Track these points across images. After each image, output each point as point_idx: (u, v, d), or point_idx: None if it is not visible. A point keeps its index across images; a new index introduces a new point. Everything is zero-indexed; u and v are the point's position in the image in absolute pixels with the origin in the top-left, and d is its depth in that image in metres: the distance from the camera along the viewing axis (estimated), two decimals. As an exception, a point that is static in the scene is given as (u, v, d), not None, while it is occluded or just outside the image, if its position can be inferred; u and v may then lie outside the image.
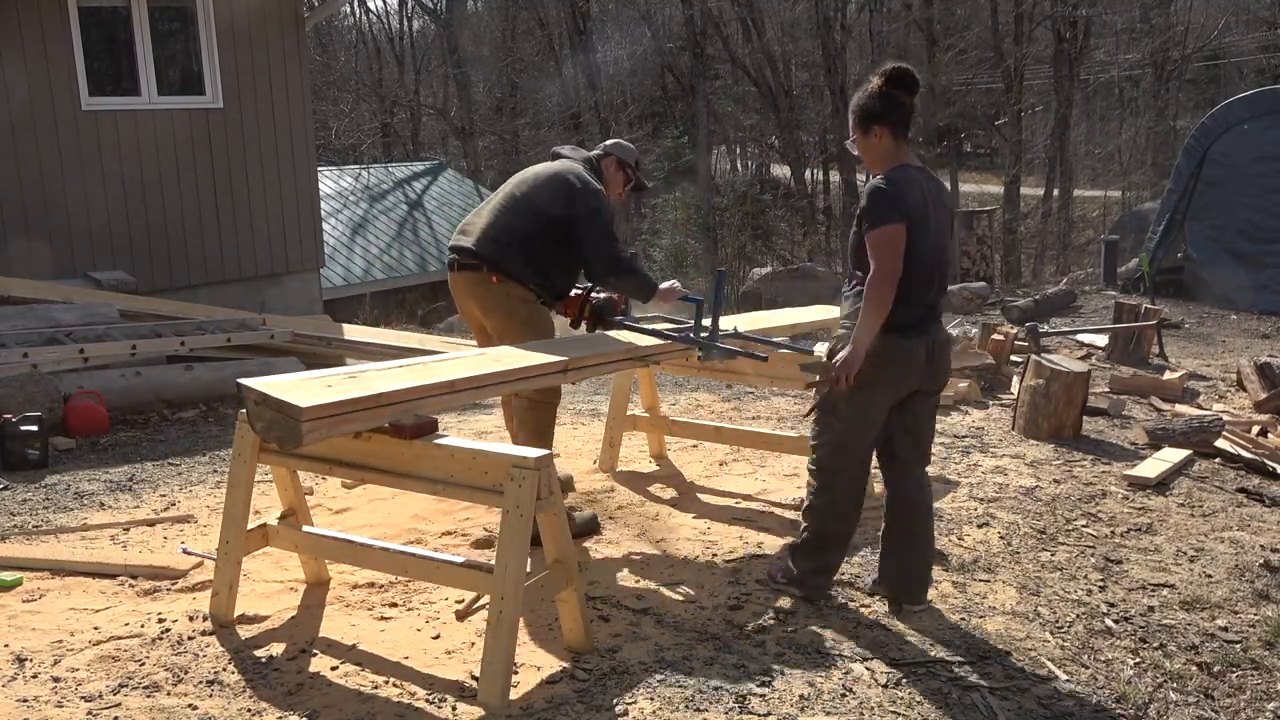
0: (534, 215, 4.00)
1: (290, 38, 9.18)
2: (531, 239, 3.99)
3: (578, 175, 4.08)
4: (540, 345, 3.76)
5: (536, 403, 4.05)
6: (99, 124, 8.04)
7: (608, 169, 4.31)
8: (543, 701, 2.83)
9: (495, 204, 4.12)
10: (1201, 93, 27.04)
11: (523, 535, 2.80)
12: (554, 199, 4.01)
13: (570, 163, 4.19)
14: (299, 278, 9.54)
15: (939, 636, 3.30)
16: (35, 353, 5.96)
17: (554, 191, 4.03)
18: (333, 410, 2.75)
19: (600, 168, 4.28)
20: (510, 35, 27.55)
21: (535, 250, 3.99)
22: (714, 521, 4.36)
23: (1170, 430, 5.58)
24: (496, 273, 3.96)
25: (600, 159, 4.33)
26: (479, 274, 3.99)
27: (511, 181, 4.21)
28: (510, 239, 3.98)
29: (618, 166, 4.34)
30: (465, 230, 4.11)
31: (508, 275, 3.97)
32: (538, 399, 4.04)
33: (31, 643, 3.15)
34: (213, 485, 4.90)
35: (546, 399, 4.08)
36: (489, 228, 4.02)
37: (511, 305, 4.00)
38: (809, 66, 25.28)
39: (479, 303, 4.06)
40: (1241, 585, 3.82)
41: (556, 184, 4.05)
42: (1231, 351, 8.71)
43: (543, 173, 4.14)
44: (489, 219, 4.06)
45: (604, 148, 4.41)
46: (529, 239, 3.99)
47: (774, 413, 6.33)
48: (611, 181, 4.31)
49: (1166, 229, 11.59)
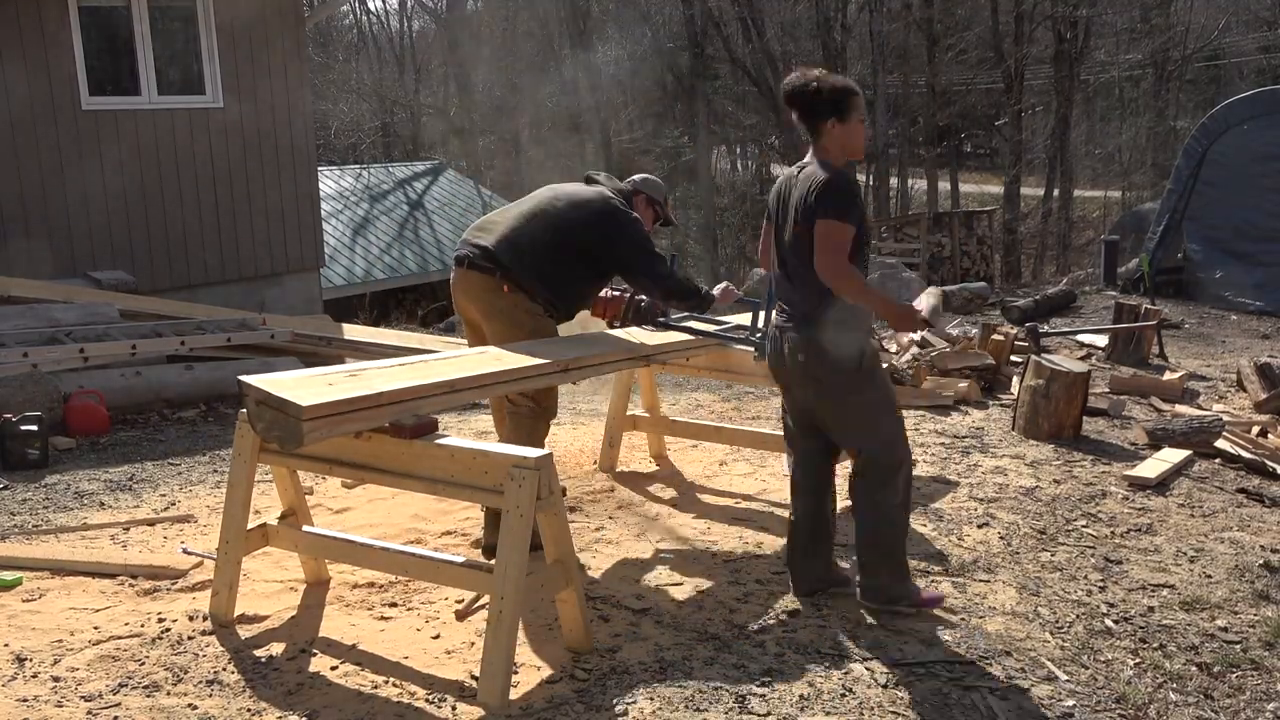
0: (563, 234, 3.92)
1: (290, 38, 9.18)
2: (552, 255, 3.90)
3: (618, 206, 4.04)
4: (541, 344, 3.74)
5: (535, 413, 3.95)
6: (99, 124, 8.04)
7: (638, 205, 4.27)
8: (543, 701, 2.83)
9: (523, 211, 4.01)
10: (1201, 93, 27.06)
11: (523, 535, 2.80)
12: (591, 224, 3.95)
13: (605, 191, 4.13)
14: (299, 277, 9.54)
15: (939, 636, 3.30)
16: (35, 353, 5.96)
17: (592, 215, 3.97)
18: (334, 409, 2.75)
19: (632, 203, 4.24)
20: (510, 35, 27.55)
21: (553, 267, 3.90)
22: (714, 521, 4.36)
23: (1170, 430, 5.58)
24: (508, 282, 3.86)
25: (631, 194, 4.28)
26: (490, 279, 3.87)
27: (544, 193, 4.12)
28: (531, 250, 3.88)
29: (647, 204, 4.33)
30: (484, 229, 4.00)
31: (519, 285, 3.87)
32: (535, 410, 3.95)
33: (31, 642, 3.15)
34: (213, 485, 4.90)
35: (543, 412, 3.98)
36: (511, 233, 3.92)
37: (518, 316, 3.90)
38: (809, 67, 25.28)
39: (484, 307, 3.94)
40: (1241, 585, 3.82)
41: (596, 209, 3.99)
42: (1231, 351, 8.71)
43: (580, 194, 4.06)
44: (513, 224, 3.95)
45: (634, 184, 4.36)
46: (550, 254, 3.89)
47: (774, 413, 6.33)
48: (640, 217, 4.26)
49: (1166, 229, 11.58)
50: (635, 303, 4.35)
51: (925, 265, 15.73)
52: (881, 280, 11.92)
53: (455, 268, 3.99)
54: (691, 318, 4.50)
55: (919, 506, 4.55)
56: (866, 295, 3.27)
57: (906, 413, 6.33)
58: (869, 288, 3.29)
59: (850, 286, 3.20)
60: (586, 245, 3.93)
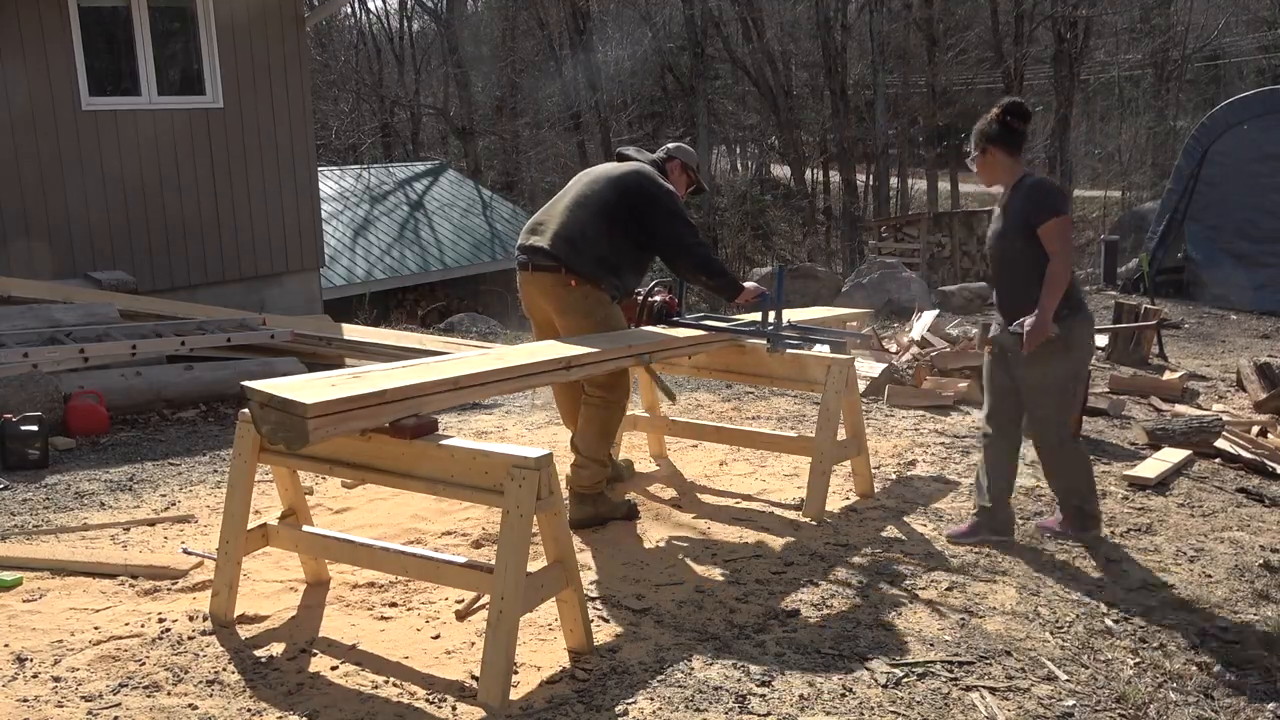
0: (606, 215, 4.05)
1: (290, 38, 9.18)
2: (603, 239, 4.04)
3: (650, 177, 4.14)
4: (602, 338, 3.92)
5: (606, 403, 4.13)
6: (99, 124, 8.04)
7: (672, 172, 4.41)
8: (543, 701, 2.83)
9: (567, 204, 4.14)
10: (1201, 93, 27.06)
11: (523, 535, 2.80)
12: (627, 199, 4.07)
13: (639, 164, 4.24)
14: (299, 277, 9.54)
15: (939, 636, 3.30)
16: (35, 353, 5.96)
17: (628, 190, 4.09)
18: (338, 407, 2.76)
19: (665, 170, 4.36)
20: (510, 35, 27.55)
21: (607, 250, 4.05)
22: (714, 521, 4.36)
23: (1170, 430, 5.58)
24: (574, 276, 4.01)
25: (665, 162, 4.41)
26: (557, 276, 4.03)
27: (581, 180, 4.25)
28: (583, 239, 4.02)
29: (681, 170, 4.46)
30: (536, 230, 4.14)
31: (583, 277, 4.02)
32: (606, 400, 4.12)
33: (31, 643, 3.15)
34: (213, 485, 4.90)
35: (613, 402, 4.15)
36: (561, 228, 4.06)
37: (589, 307, 4.06)
38: (809, 66, 25.31)
39: (556, 303, 4.09)
40: (1241, 585, 3.82)
41: (630, 184, 4.11)
42: (1231, 351, 8.71)
43: (614, 172, 4.19)
44: (561, 219, 4.09)
45: (667, 151, 4.50)
46: (601, 239, 4.04)
47: (774, 413, 6.33)
48: (675, 184, 4.39)
49: (1166, 229, 11.59)
50: (650, 304, 4.45)
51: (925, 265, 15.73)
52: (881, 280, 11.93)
53: (520, 271, 4.17)
54: (707, 316, 4.60)
55: (919, 506, 4.56)
56: None
57: (906, 413, 6.34)
58: None
59: None
60: (628, 220, 4.06)
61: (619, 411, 4.21)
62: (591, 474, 4.19)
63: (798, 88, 25.41)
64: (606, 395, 4.12)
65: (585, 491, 4.22)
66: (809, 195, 25.49)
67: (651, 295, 4.46)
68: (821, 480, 4.37)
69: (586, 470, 4.18)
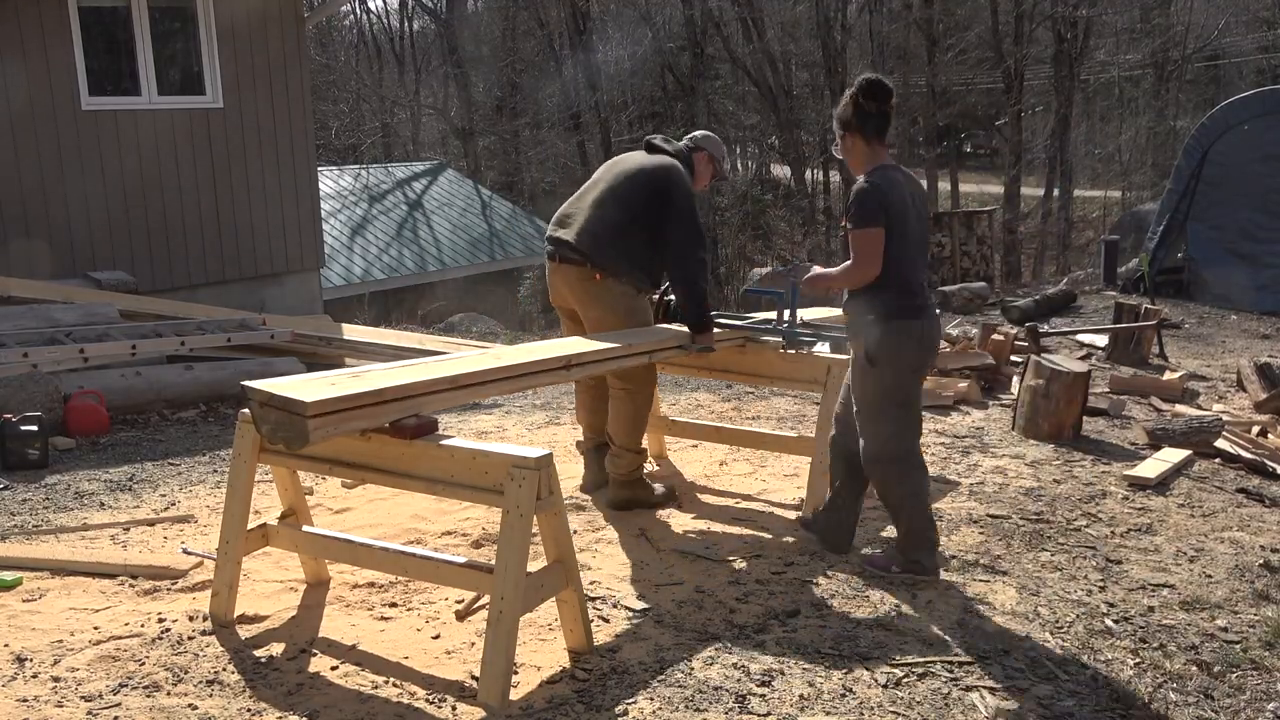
0: (630, 209, 4.10)
1: (290, 38, 9.18)
2: (629, 233, 4.08)
3: (675, 178, 4.15)
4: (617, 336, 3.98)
5: (630, 393, 4.21)
6: (99, 124, 8.04)
7: (699, 162, 4.45)
8: (543, 701, 2.83)
9: (594, 198, 4.18)
10: (1201, 93, 27.05)
11: (523, 535, 2.80)
12: (650, 196, 4.10)
13: (666, 159, 4.26)
14: (299, 278, 9.54)
15: (939, 636, 3.30)
16: (35, 353, 5.96)
17: (650, 185, 4.12)
18: (338, 406, 2.76)
19: (692, 160, 4.39)
20: (510, 35, 27.53)
21: (632, 243, 4.09)
22: (714, 521, 4.37)
23: (1170, 430, 5.58)
24: (600, 269, 4.07)
25: (692, 151, 4.44)
26: (583, 269, 4.09)
27: (610, 172, 4.28)
28: (609, 233, 4.07)
29: (708, 160, 4.49)
30: (564, 222, 4.19)
31: (608, 271, 4.08)
32: (630, 391, 4.20)
33: (31, 643, 3.15)
34: (213, 485, 4.90)
35: (637, 388, 4.22)
36: (588, 222, 4.11)
37: (614, 300, 4.13)
38: (809, 66, 25.29)
39: (581, 296, 4.16)
40: (1241, 585, 3.82)
41: (649, 177, 4.13)
42: (1231, 352, 8.71)
43: (641, 165, 4.21)
44: (589, 212, 4.14)
45: (695, 141, 4.52)
46: (626, 233, 4.08)
47: (774, 413, 6.33)
48: (700, 175, 4.44)
49: (1167, 229, 11.58)
50: (665, 303, 4.50)
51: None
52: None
53: (549, 262, 4.25)
54: (721, 314, 4.68)
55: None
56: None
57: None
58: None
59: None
60: (651, 215, 4.10)
61: (646, 401, 4.31)
62: (627, 462, 4.33)
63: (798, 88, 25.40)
64: (628, 387, 4.22)
65: (623, 478, 4.36)
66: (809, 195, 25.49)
67: (668, 294, 4.51)
68: (821, 480, 4.37)
69: (622, 459, 4.33)
